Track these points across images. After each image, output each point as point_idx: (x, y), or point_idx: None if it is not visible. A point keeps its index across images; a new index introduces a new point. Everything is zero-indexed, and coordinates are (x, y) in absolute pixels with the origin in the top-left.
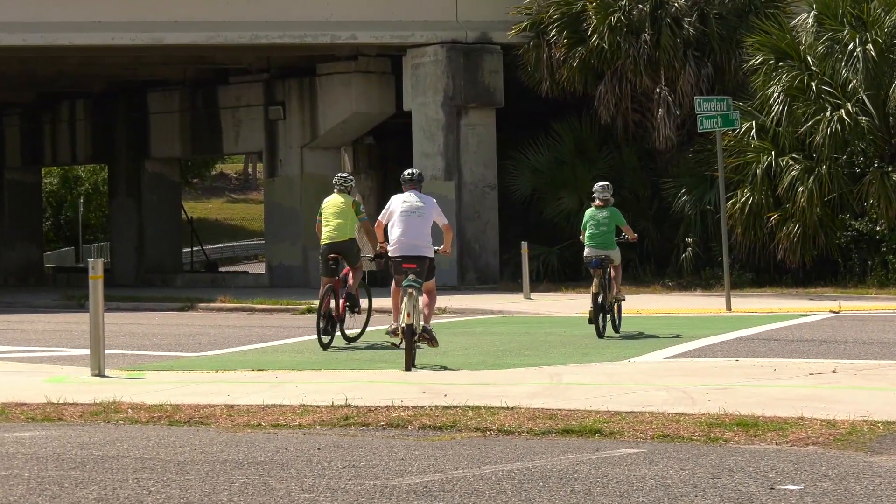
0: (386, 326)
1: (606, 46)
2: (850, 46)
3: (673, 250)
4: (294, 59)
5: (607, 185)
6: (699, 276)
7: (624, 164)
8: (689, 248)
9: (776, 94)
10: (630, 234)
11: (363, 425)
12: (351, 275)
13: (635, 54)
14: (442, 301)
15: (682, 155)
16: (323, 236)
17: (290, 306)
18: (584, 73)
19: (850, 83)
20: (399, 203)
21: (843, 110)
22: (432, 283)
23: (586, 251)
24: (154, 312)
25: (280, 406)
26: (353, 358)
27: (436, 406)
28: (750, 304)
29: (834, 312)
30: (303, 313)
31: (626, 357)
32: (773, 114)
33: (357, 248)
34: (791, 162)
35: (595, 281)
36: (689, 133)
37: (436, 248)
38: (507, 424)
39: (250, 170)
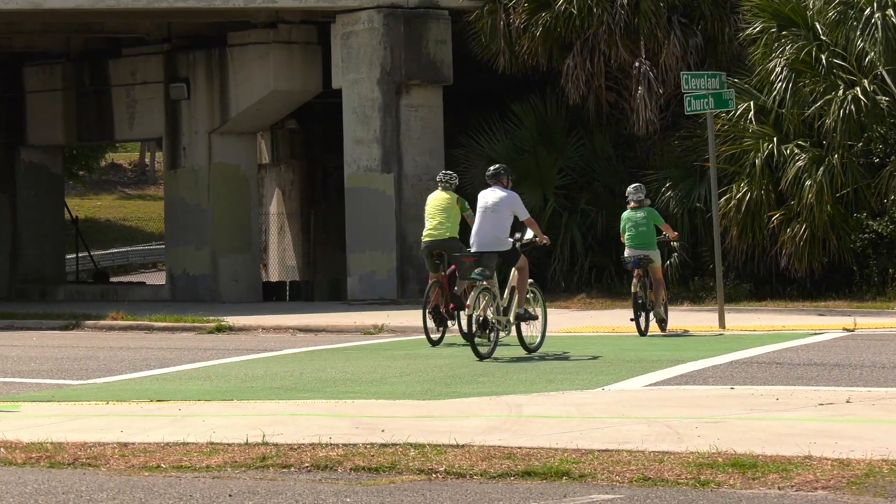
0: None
1: (575, 11)
2: (867, 12)
3: None
4: (200, 26)
5: (640, 186)
6: (687, 287)
7: (596, 153)
8: (675, 254)
9: (779, 69)
10: (670, 233)
11: (284, 467)
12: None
13: (610, 21)
14: (378, 317)
15: (665, 142)
16: (424, 233)
17: (195, 324)
18: (549, 43)
19: (866, 56)
20: (480, 200)
21: (858, 88)
22: (521, 261)
23: (626, 252)
24: (31, 332)
25: (184, 444)
26: (272, 386)
27: (371, 444)
28: (747, 320)
29: (848, 330)
30: (211, 332)
31: (599, 384)
32: (775, 92)
33: (460, 246)
34: (796, 150)
35: (634, 280)
36: (675, 116)
37: (526, 239)
38: (456, 465)
39: (148, 160)
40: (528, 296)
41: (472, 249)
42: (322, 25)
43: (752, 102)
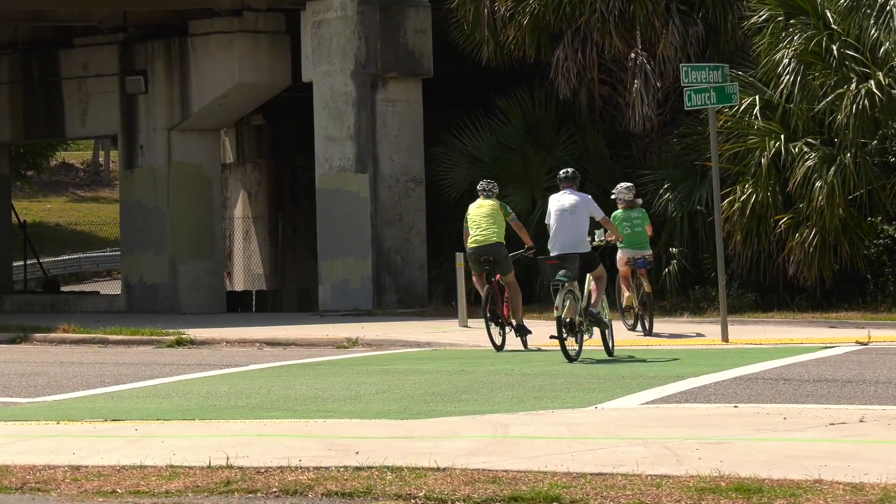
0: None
1: None
2: None
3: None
4: (159, 14)
5: (631, 186)
6: (686, 297)
7: (589, 152)
8: (674, 261)
9: (786, 61)
10: (616, 235)
11: (250, 492)
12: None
13: (603, 8)
14: (351, 329)
15: (664, 140)
16: (469, 240)
17: (154, 337)
18: (537, 33)
19: (881, 46)
20: (554, 203)
21: (872, 82)
22: (599, 270)
23: (623, 253)
24: None
25: (141, 467)
26: (237, 405)
27: (345, 467)
28: (753, 332)
29: (861, 344)
30: (171, 346)
31: (592, 402)
32: (782, 86)
33: (506, 252)
34: (805, 149)
35: (625, 289)
36: (674, 111)
37: (599, 240)
38: (437, 490)
39: (102, 159)
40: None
41: (554, 252)
42: (291, 13)
43: (757, 97)
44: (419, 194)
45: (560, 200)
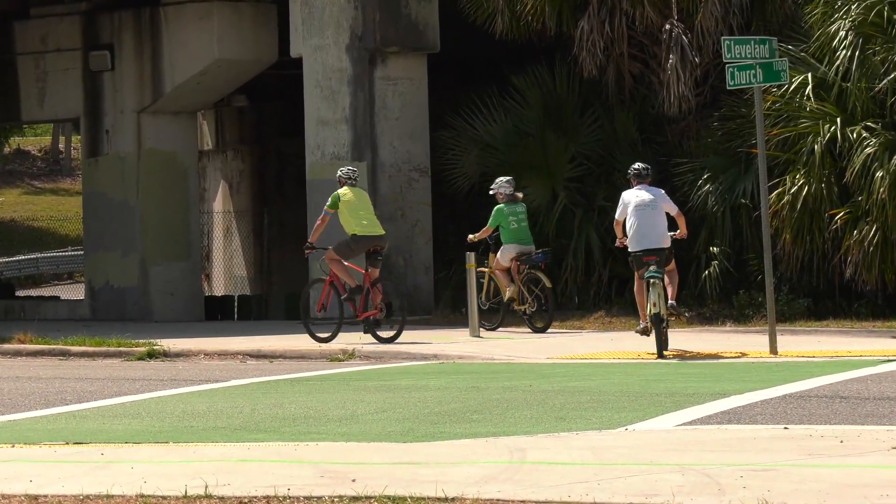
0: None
1: None
2: None
3: (691, 264)
4: None
5: (510, 180)
6: (729, 303)
7: (617, 137)
8: (715, 262)
9: (842, 34)
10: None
11: None
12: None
13: None
14: (349, 338)
15: (703, 123)
16: (363, 229)
17: (122, 348)
18: (559, 1)
19: None
20: (632, 198)
21: None
22: (672, 264)
23: (514, 248)
24: None
25: (108, 496)
26: (217, 426)
27: (340, 496)
28: (805, 343)
29: None
30: (141, 359)
31: (621, 423)
32: (837, 62)
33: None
34: (865, 133)
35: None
36: (714, 91)
37: (671, 233)
38: None
39: (62, 146)
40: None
41: (641, 247)
42: None
43: (809, 75)
44: (424, 186)
45: (638, 196)
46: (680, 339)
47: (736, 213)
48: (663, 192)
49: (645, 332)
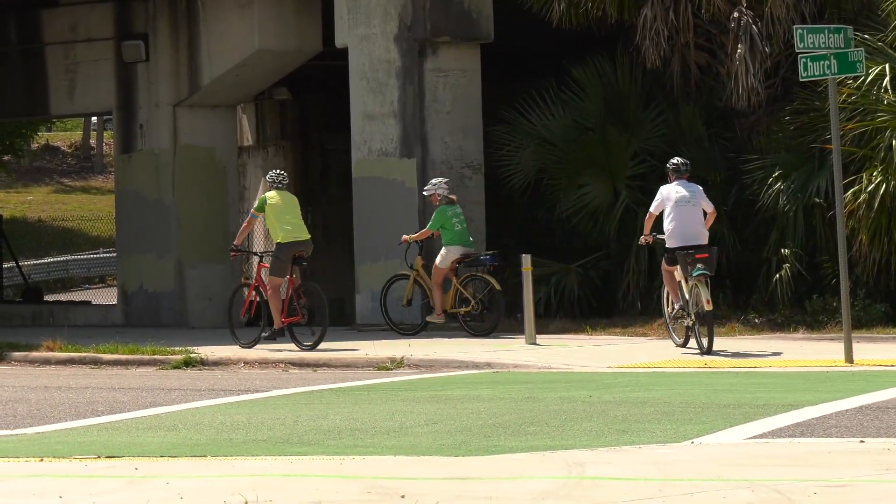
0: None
1: None
2: None
3: (761, 267)
4: None
5: (448, 181)
6: (801, 309)
7: (682, 132)
8: (787, 265)
9: None
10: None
11: None
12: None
13: None
14: (396, 347)
15: (773, 118)
16: (287, 235)
17: (157, 356)
18: None
19: None
20: (673, 193)
21: None
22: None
23: (457, 250)
24: None
25: None
26: (258, 439)
27: None
28: (883, 351)
29: None
30: (178, 367)
31: (687, 436)
32: None
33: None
34: None
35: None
36: (786, 83)
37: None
38: None
39: (94, 141)
40: None
41: (683, 243)
42: None
43: (887, 65)
44: (477, 183)
45: (678, 190)
46: (749, 346)
47: (809, 213)
48: (700, 189)
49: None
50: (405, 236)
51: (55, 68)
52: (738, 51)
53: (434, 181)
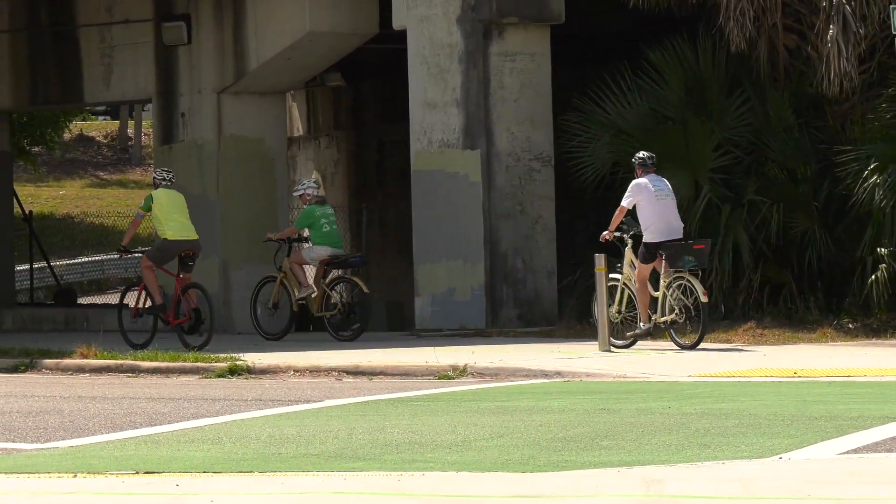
0: None
1: None
2: None
3: (855, 269)
4: None
5: (318, 179)
6: None
7: (770, 121)
8: (883, 266)
9: None
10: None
11: None
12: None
13: None
14: (458, 354)
15: (869, 105)
16: (175, 233)
17: (199, 363)
18: None
19: None
20: (650, 186)
21: None
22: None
23: (325, 251)
24: None
25: None
26: (309, 453)
27: None
28: None
29: None
30: (222, 375)
31: (774, 451)
32: None
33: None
34: None
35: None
36: (882, 68)
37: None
38: None
39: (131, 131)
40: None
41: (664, 238)
42: None
43: None
44: (546, 177)
45: (657, 184)
46: (842, 354)
47: None
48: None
49: (648, 334)
50: (269, 234)
51: (90, 52)
52: (830, 32)
53: (304, 182)
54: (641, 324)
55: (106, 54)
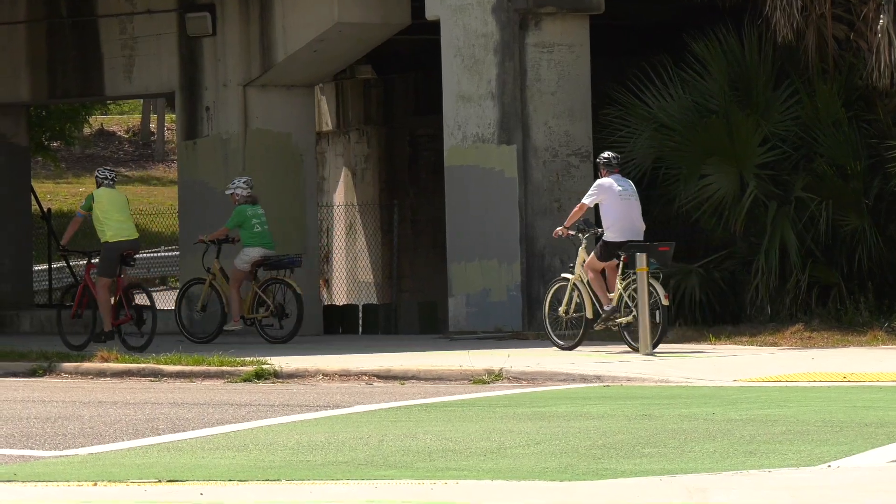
0: None
1: None
2: None
3: None
4: None
5: (248, 179)
6: None
7: (819, 115)
8: None
9: None
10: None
11: None
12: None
13: None
14: (493, 358)
15: None
16: (115, 234)
17: (224, 367)
18: None
19: None
20: (614, 186)
21: None
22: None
23: (258, 252)
24: None
25: None
26: (338, 460)
27: None
28: None
29: None
30: (248, 380)
31: (823, 459)
32: None
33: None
34: None
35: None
36: None
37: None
38: None
39: (154, 126)
40: None
41: (625, 238)
42: None
43: None
44: (585, 173)
45: (620, 184)
46: (893, 356)
47: None
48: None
49: (609, 320)
50: (200, 236)
51: (110, 44)
52: (881, 22)
53: (235, 181)
54: (606, 307)
55: (127, 46)
